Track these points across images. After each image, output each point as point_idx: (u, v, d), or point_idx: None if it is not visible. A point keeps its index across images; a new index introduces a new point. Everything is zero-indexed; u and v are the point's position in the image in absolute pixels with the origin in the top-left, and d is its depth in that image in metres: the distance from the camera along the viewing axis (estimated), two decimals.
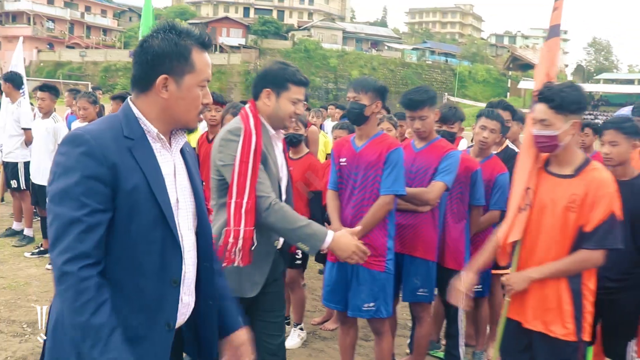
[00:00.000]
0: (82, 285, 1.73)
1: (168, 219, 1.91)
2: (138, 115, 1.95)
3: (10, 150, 7.23)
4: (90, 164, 1.79)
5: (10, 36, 61.82)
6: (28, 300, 5.36)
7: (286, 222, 2.87)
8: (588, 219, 2.76)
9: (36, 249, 6.87)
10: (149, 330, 1.92)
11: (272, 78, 3.04)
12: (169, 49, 1.91)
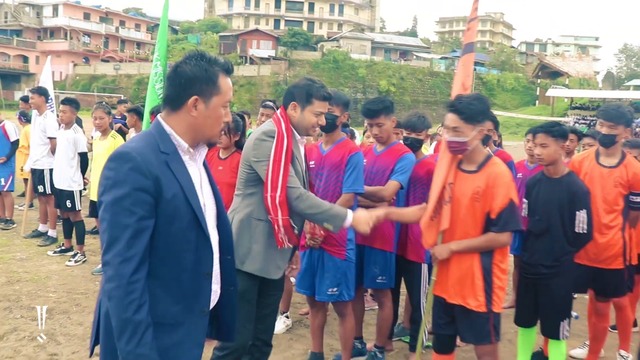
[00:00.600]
0: (131, 287, 2.03)
1: (201, 221, 2.23)
2: (169, 131, 2.24)
3: (37, 158, 7.90)
4: (138, 178, 2.08)
5: (48, 51, 63.36)
6: (47, 291, 5.99)
7: (315, 207, 3.30)
8: (492, 207, 3.26)
9: (58, 248, 7.52)
10: (187, 316, 2.23)
11: (299, 92, 3.45)
12: (200, 74, 2.22)
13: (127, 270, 2.03)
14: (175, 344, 2.19)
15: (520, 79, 72.63)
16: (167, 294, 2.17)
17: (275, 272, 3.43)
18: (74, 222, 7.19)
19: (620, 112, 4.32)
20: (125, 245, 2.03)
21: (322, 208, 3.31)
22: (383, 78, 65.43)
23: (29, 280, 6.29)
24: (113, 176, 2.09)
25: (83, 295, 5.93)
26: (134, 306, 2.02)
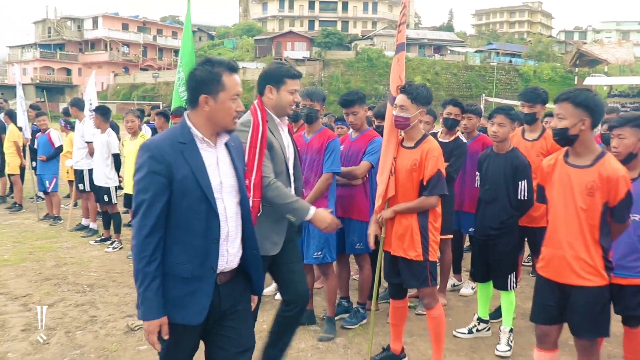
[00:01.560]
0: (144, 246, 2.54)
1: (209, 197, 2.65)
2: (189, 125, 2.70)
3: (77, 160, 8.95)
4: (152, 164, 2.58)
5: (89, 62, 65.72)
6: (89, 271, 6.98)
7: (280, 198, 3.67)
8: (424, 176, 4.03)
9: (98, 238, 8.55)
10: (200, 272, 2.65)
11: (271, 76, 3.82)
12: (205, 76, 2.66)
13: (142, 234, 2.55)
14: (189, 293, 2.64)
15: (558, 68, 71.28)
16: (183, 254, 2.63)
17: (272, 248, 3.80)
18: (111, 214, 8.20)
19: (537, 94, 5.14)
20: (142, 215, 2.56)
21: (287, 200, 3.69)
22: (417, 74, 65.17)
23: (74, 264, 7.30)
24: (138, 162, 2.64)
25: (119, 274, 6.90)
26: (145, 261, 2.54)
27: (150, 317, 2.56)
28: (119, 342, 4.86)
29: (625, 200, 3.25)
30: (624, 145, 3.77)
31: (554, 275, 3.38)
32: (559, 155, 3.49)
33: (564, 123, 3.28)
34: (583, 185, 3.26)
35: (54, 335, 4.99)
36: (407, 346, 4.73)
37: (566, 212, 3.33)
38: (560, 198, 3.36)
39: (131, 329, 5.13)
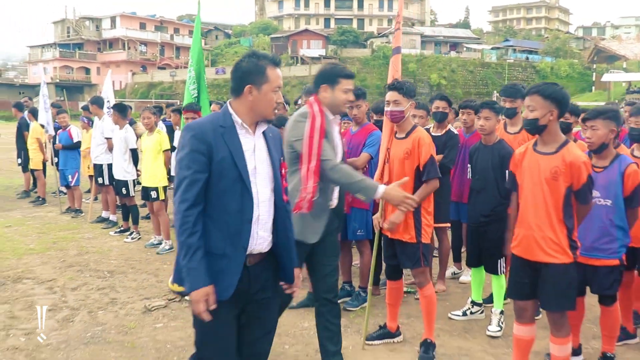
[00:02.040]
0: (185, 219, 2.67)
1: (244, 179, 2.77)
2: (231, 112, 2.86)
3: (97, 155, 9.39)
4: (195, 143, 2.72)
5: (107, 62, 66.46)
6: (109, 259, 7.41)
7: (348, 178, 3.79)
8: (420, 162, 4.36)
9: (118, 229, 8.99)
10: (232, 250, 2.77)
11: (326, 76, 4.01)
12: (252, 68, 2.83)
13: (183, 208, 2.68)
14: (221, 270, 2.75)
15: (575, 65, 70.78)
16: (218, 232, 2.76)
17: (313, 237, 3.95)
18: (129, 206, 8.63)
19: (516, 89, 5.43)
20: (183, 190, 2.70)
21: (355, 179, 3.78)
22: (433, 71, 65.20)
23: (95, 252, 7.73)
24: (181, 142, 2.80)
25: (137, 262, 7.31)
26: (187, 232, 2.67)
27: (197, 287, 2.65)
28: (137, 321, 5.26)
29: (587, 183, 3.58)
30: (597, 136, 4.10)
31: (525, 254, 3.72)
32: (529, 145, 3.83)
33: (534, 114, 3.62)
34: (548, 170, 3.60)
35: (78, 314, 5.41)
36: (403, 326, 5.08)
37: (534, 196, 3.66)
38: (530, 183, 3.70)
39: (148, 309, 5.54)
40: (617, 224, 4.09)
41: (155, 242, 8.07)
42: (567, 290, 3.65)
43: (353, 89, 4.10)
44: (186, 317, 5.33)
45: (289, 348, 4.70)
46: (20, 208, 11.15)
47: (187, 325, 5.11)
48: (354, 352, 4.63)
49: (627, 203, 4.11)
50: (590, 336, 4.95)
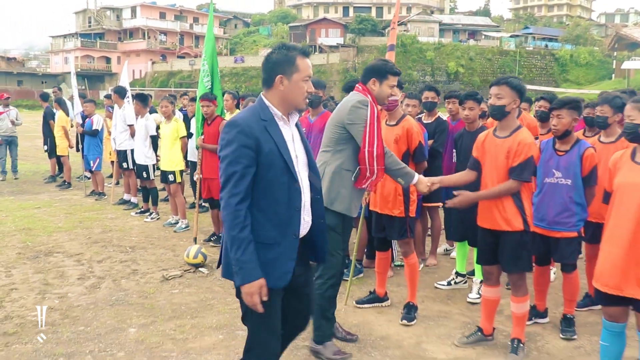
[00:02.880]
0: (236, 213, 2.72)
1: (291, 169, 2.87)
2: (268, 104, 2.92)
3: (121, 141, 10.04)
4: (243, 138, 2.77)
5: (128, 51, 67.38)
6: (130, 236, 8.09)
7: (395, 164, 4.27)
8: (410, 147, 4.90)
9: (139, 210, 9.69)
10: (283, 238, 2.86)
11: (377, 70, 4.29)
12: (282, 58, 2.92)
13: (234, 202, 2.74)
14: (275, 258, 2.83)
15: (596, 52, 69.74)
16: (268, 222, 2.83)
17: (355, 211, 4.31)
18: (149, 189, 9.30)
19: None
20: (233, 185, 2.75)
21: (400, 166, 4.31)
22: (451, 59, 64.84)
23: (117, 230, 8.42)
24: (226, 137, 2.82)
25: (156, 239, 7.98)
26: (239, 227, 2.72)
27: (250, 280, 2.71)
28: (156, 288, 5.91)
29: (526, 161, 4.13)
30: (562, 124, 4.63)
31: (487, 224, 4.29)
32: (490, 131, 4.38)
33: (502, 101, 4.17)
34: (504, 151, 4.15)
35: (104, 282, 6.07)
36: (392, 293, 5.68)
37: (492, 173, 4.23)
38: (489, 162, 4.27)
39: (166, 278, 6.18)
40: (576, 200, 4.63)
41: (173, 221, 8.73)
42: (522, 254, 4.22)
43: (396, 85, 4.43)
44: (199, 284, 5.99)
45: None
46: (47, 191, 11.90)
47: (200, 291, 5.79)
48: (345, 313, 5.22)
49: (585, 182, 4.63)
50: (560, 303, 5.49)
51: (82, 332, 4.72)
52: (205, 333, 4.74)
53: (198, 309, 5.29)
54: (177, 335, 4.68)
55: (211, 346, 4.47)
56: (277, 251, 2.84)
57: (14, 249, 7.31)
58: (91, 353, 4.33)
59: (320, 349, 4.24)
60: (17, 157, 13.77)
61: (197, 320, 5.02)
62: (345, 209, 4.17)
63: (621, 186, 3.52)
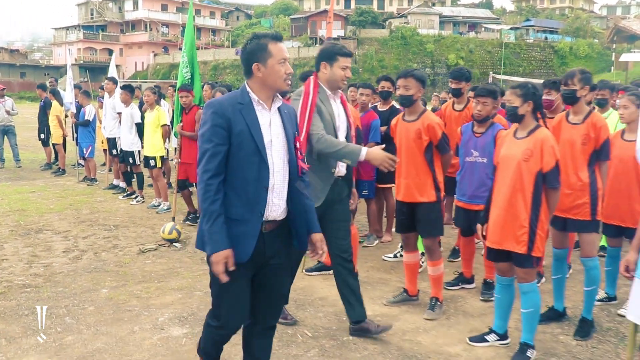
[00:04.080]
0: (207, 187, 2.88)
1: (261, 150, 2.97)
2: (248, 90, 3.06)
3: (111, 129, 10.69)
4: (216, 118, 2.93)
5: (130, 43, 67.93)
6: (115, 216, 8.78)
7: (330, 147, 4.11)
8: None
9: (125, 194, 10.39)
10: (250, 215, 2.99)
11: (325, 54, 4.28)
12: (254, 47, 3.04)
13: (206, 177, 2.91)
14: (241, 233, 2.98)
15: (595, 45, 70.05)
16: (237, 199, 2.98)
17: (317, 202, 4.04)
18: (135, 173, 9.98)
19: (462, 73, 6.38)
20: (206, 161, 2.92)
21: (337, 147, 4.12)
22: (451, 52, 65.20)
23: (104, 212, 9.11)
24: (203, 118, 3.02)
25: (139, 219, 8.67)
26: (210, 200, 2.89)
27: (217, 249, 2.87)
28: (132, 259, 6.59)
29: (442, 138, 4.79)
30: (485, 110, 5.26)
31: (405, 197, 4.93)
32: (399, 116, 5.03)
33: (410, 92, 4.80)
34: (413, 132, 4.80)
35: (85, 254, 6.75)
36: None
37: (406, 153, 4.87)
38: (402, 143, 4.91)
39: (142, 251, 6.87)
40: (492, 177, 5.25)
41: (156, 203, 9.41)
42: (436, 222, 4.88)
43: (350, 66, 4.32)
44: (171, 256, 6.68)
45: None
46: (43, 178, 12.62)
47: (170, 261, 6.47)
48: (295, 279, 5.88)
49: None
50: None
51: (60, 292, 5.41)
52: (167, 293, 5.42)
53: (165, 275, 5.98)
54: (142, 294, 5.37)
55: (170, 303, 5.16)
56: (242, 228, 2.98)
57: (7, 227, 8.00)
58: (66, 307, 5.01)
59: (363, 326, 4.45)
60: (17, 146, 14.42)
61: (163, 283, 5.71)
62: None
63: (503, 158, 4.16)
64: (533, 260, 4.05)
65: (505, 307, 4.37)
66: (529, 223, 4.00)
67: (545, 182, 3.98)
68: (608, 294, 5.36)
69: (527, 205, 4.00)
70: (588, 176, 4.55)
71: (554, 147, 4.00)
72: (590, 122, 4.54)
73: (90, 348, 4.22)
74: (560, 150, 4.64)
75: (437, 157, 4.90)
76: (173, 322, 4.71)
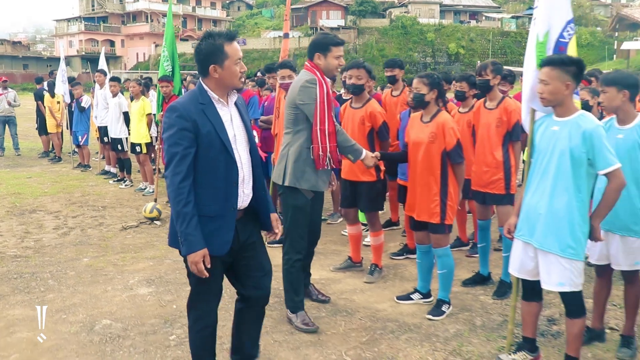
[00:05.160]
0: (180, 190, 2.94)
1: (228, 148, 3.07)
2: (206, 89, 3.11)
3: (102, 118, 11.37)
4: (182, 122, 2.97)
5: (131, 34, 68.29)
6: (104, 199, 9.48)
7: (346, 141, 4.49)
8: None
9: (115, 178, 11.10)
10: (223, 211, 3.09)
11: (319, 44, 4.37)
12: (210, 49, 3.05)
13: (177, 180, 2.95)
14: (216, 229, 3.07)
15: (597, 33, 69.91)
16: (209, 197, 3.05)
17: (323, 186, 4.51)
18: (124, 159, 10.68)
19: (394, 61, 6.96)
20: (175, 165, 2.96)
21: (351, 143, 4.51)
22: (452, 41, 65.32)
23: (94, 195, 9.82)
24: (167, 122, 3.03)
25: (126, 200, 9.37)
26: (183, 202, 2.94)
27: (194, 250, 2.96)
28: (114, 234, 7.30)
29: (382, 126, 5.38)
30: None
31: (347, 176, 5.57)
32: (347, 103, 5.65)
33: (361, 81, 5.36)
34: (358, 118, 5.41)
35: (73, 231, 7.45)
36: None
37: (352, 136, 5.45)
38: (347, 127, 5.52)
39: (124, 227, 7.57)
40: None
41: (143, 187, 10.11)
42: (376, 198, 5.52)
43: (343, 55, 4.48)
44: (150, 232, 7.40)
45: None
46: (40, 165, 13.37)
47: (149, 236, 7.17)
48: None
49: None
50: None
51: (46, 261, 6.13)
52: (141, 261, 6.13)
53: (142, 247, 6.68)
54: (118, 262, 6.08)
55: (142, 269, 5.86)
56: (218, 223, 3.08)
57: (3, 208, 8.71)
58: (50, 272, 5.72)
59: (293, 318, 4.52)
60: (17, 135, 15.12)
61: (138, 254, 6.42)
62: (312, 185, 4.41)
63: (413, 141, 4.79)
64: (445, 228, 4.71)
65: (426, 270, 5.04)
66: (440, 196, 4.66)
67: (449, 159, 4.63)
68: None
69: (436, 180, 4.66)
70: (502, 155, 5.19)
71: (453, 128, 4.66)
72: (502, 107, 5.17)
73: (68, 303, 4.93)
74: (479, 132, 5.35)
75: (377, 141, 5.50)
76: (141, 284, 5.41)
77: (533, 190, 3.67)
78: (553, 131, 3.56)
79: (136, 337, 4.28)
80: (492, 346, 4.22)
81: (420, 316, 4.76)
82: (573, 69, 3.46)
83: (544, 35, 3.79)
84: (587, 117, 3.49)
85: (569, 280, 3.51)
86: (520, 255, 3.77)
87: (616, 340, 4.24)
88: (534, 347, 3.96)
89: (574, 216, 3.46)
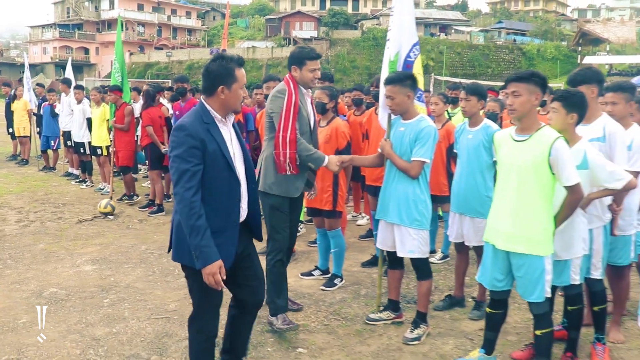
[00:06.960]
0: (192, 205, 3.04)
1: (231, 165, 3.23)
2: (209, 108, 3.25)
3: (67, 123, 12.21)
4: (191, 140, 3.10)
5: (106, 42, 68.37)
6: (65, 197, 10.36)
7: (305, 150, 4.48)
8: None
9: (78, 180, 11.98)
10: (226, 225, 3.24)
11: (295, 58, 4.56)
12: (222, 71, 3.21)
13: (189, 195, 3.06)
14: (220, 243, 3.14)
15: (562, 47, 71.61)
16: (213, 212, 3.15)
17: (295, 192, 4.63)
18: (85, 161, 11.58)
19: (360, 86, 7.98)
20: (186, 181, 3.07)
21: (310, 152, 4.53)
22: (422, 53, 65.14)
23: (56, 193, 10.71)
24: (176, 140, 3.13)
25: (86, 199, 10.27)
26: (196, 216, 3.05)
27: (210, 261, 3.04)
28: (70, 226, 8.22)
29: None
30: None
31: None
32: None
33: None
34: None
35: (33, 223, 8.34)
36: None
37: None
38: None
39: (80, 221, 8.48)
40: None
41: (102, 187, 11.02)
42: None
43: (319, 67, 4.64)
44: (102, 224, 8.34)
45: None
46: (7, 167, 14.21)
47: (101, 228, 8.11)
48: None
49: None
50: None
51: (6, 246, 7.06)
52: (90, 246, 7.09)
53: (93, 236, 7.63)
54: (70, 247, 7.04)
55: (89, 252, 6.83)
56: (222, 238, 3.18)
57: None
58: (9, 254, 6.67)
59: (273, 320, 4.63)
60: None
61: (89, 241, 7.37)
62: (284, 191, 4.58)
63: None
64: (336, 214, 5.74)
65: (324, 250, 6.07)
66: (332, 187, 5.70)
67: None
68: None
69: (329, 174, 5.67)
70: None
71: (344, 132, 5.69)
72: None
73: (22, 277, 5.88)
74: (372, 134, 6.31)
75: None
76: (87, 262, 6.39)
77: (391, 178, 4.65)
78: (401, 132, 4.61)
79: (76, 300, 5.26)
80: (368, 309, 5.21)
81: (316, 287, 5.77)
82: (409, 82, 4.47)
83: (394, 55, 4.82)
84: (425, 120, 4.52)
85: (418, 249, 4.53)
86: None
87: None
88: (397, 307, 5.00)
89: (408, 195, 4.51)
